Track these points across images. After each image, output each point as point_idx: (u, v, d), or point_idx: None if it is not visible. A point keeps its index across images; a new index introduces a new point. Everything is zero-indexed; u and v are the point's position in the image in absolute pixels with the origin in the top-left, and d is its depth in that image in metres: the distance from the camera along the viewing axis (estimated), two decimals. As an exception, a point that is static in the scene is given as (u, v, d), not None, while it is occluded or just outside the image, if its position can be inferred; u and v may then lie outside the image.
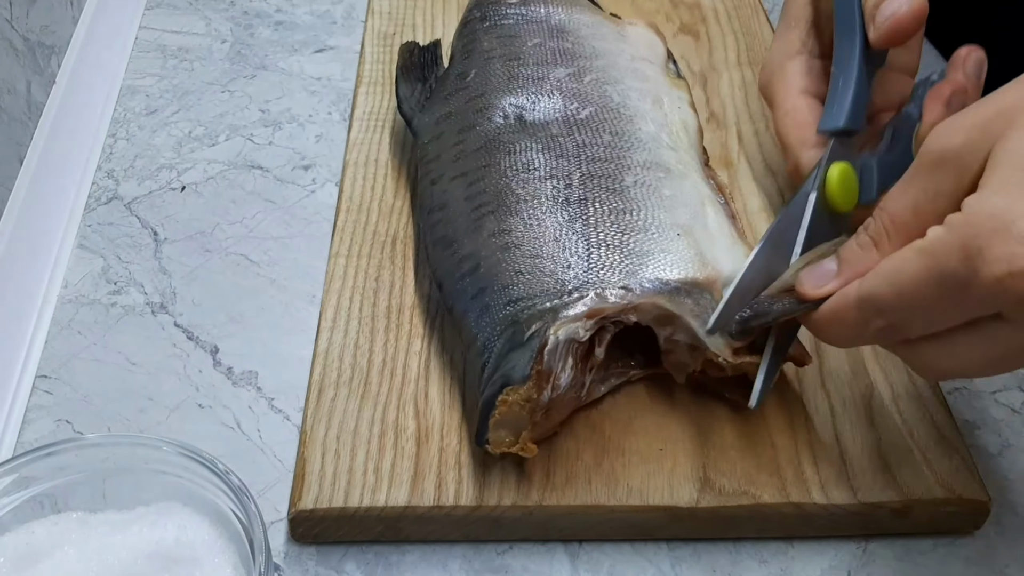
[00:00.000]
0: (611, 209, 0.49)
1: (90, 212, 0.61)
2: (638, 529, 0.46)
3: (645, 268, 0.46)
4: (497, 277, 0.47)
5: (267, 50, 0.73)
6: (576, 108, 0.54)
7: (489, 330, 0.46)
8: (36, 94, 0.59)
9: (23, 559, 0.38)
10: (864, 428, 0.47)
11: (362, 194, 0.58)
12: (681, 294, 0.45)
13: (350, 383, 0.49)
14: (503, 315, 0.46)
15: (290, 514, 0.44)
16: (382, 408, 0.48)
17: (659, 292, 0.45)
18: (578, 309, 0.44)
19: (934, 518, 0.46)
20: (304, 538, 0.45)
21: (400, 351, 0.50)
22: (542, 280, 0.47)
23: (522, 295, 0.46)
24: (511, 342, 0.45)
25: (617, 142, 0.52)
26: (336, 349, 0.50)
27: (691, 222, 0.49)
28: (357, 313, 0.52)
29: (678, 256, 0.47)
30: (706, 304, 0.45)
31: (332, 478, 0.45)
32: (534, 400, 0.42)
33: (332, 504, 0.44)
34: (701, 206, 0.51)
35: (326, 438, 0.46)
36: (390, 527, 0.45)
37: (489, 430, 0.43)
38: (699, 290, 0.46)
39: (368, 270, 0.54)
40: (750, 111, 0.65)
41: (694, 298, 0.45)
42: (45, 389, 0.51)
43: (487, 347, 0.46)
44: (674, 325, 0.45)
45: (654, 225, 0.49)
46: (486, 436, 0.43)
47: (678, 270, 0.46)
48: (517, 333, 0.45)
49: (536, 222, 0.49)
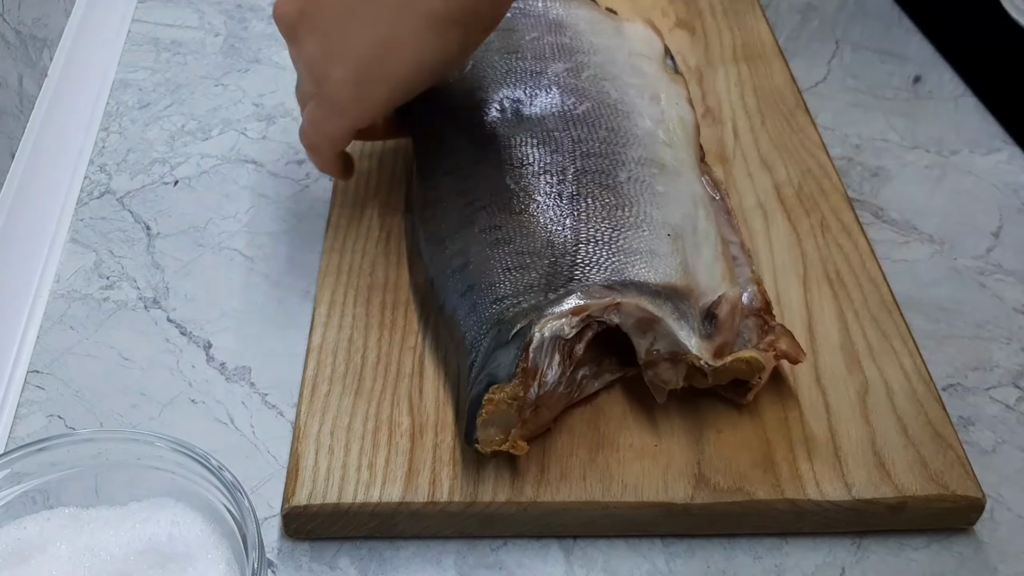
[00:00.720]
0: (603, 205, 0.49)
1: (82, 206, 0.60)
2: (633, 525, 0.46)
3: (632, 268, 0.46)
4: (485, 274, 0.47)
5: (261, 44, 0.73)
6: (573, 103, 0.54)
7: (476, 328, 0.46)
8: (28, 87, 0.59)
9: (14, 555, 0.38)
10: (859, 425, 0.47)
11: (356, 189, 0.58)
12: (662, 298, 0.45)
13: (344, 379, 0.48)
14: (489, 313, 0.46)
15: (283, 510, 0.44)
16: (376, 404, 0.47)
17: (643, 294, 0.45)
18: (564, 306, 0.44)
19: (928, 514, 0.46)
20: (298, 534, 0.45)
21: (395, 347, 0.50)
22: (529, 277, 0.46)
23: (508, 293, 0.46)
24: (497, 340, 0.45)
25: (613, 138, 0.52)
26: (330, 345, 0.50)
27: (682, 223, 0.49)
28: (351, 309, 0.52)
29: (664, 260, 0.47)
30: (685, 311, 0.45)
31: (326, 474, 0.45)
32: (521, 398, 0.42)
33: (326, 500, 0.44)
34: (693, 207, 0.51)
35: (320, 434, 0.46)
36: (384, 523, 0.45)
37: (477, 429, 0.43)
38: (679, 296, 0.46)
39: (363, 266, 0.54)
40: (746, 107, 0.65)
41: (674, 303, 0.45)
42: (37, 384, 0.51)
43: (474, 345, 0.46)
44: (655, 331, 0.45)
45: (645, 223, 0.48)
46: (475, 435, 0.43)
47: (662, 274, 0.47)
48: (503, 331, 0.45)
49: (527, 218, 0.49)
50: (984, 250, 0.60)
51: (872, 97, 0.72)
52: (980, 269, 0.59)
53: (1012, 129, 0.69)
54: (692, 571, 0.45)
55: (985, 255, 0.60)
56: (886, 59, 0.75)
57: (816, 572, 0.45)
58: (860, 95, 0.71)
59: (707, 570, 0.45)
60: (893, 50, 0.76)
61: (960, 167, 0.66)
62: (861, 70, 0.73)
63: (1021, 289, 0.58)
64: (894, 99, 0.72)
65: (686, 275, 0.47)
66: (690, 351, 0.45)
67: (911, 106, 0.71)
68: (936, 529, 0.46)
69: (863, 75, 0.73)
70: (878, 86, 0.72)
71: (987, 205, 0.64)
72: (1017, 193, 0.65)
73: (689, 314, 0.45)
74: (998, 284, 0.58)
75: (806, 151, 0.63)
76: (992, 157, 0.67)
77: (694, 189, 0.52)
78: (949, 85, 0.73)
